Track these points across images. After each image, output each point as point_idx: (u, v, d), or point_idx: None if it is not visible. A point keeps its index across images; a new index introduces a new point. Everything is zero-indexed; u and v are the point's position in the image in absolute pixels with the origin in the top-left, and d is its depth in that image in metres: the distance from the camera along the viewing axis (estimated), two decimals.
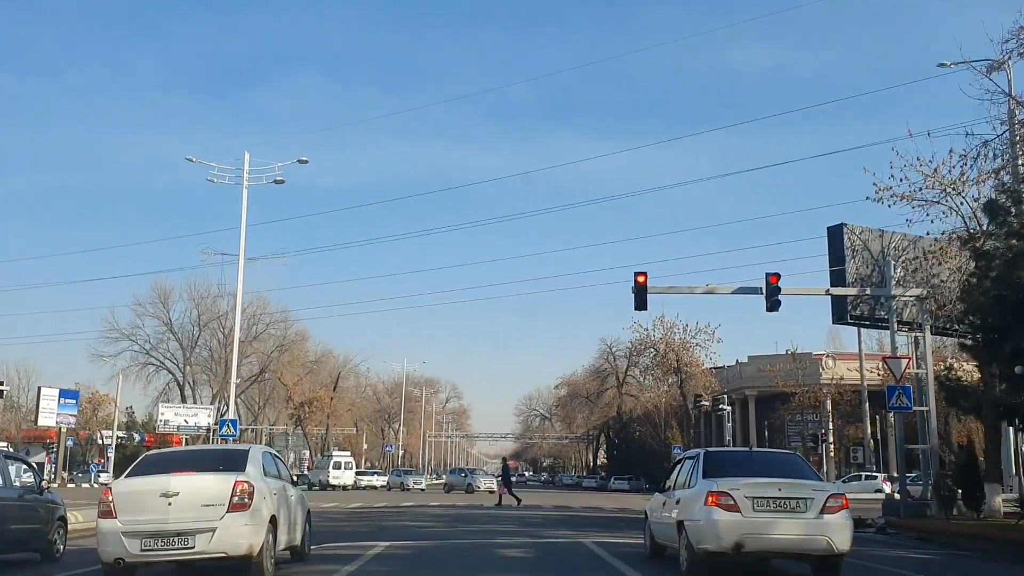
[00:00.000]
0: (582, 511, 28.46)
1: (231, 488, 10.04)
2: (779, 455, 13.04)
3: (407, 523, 20.21)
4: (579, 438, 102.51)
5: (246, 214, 31.25)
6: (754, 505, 10.02)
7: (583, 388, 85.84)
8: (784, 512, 10.05)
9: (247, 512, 10.03)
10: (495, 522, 21.20)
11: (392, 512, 25.43)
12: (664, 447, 66.11)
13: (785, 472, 10.87)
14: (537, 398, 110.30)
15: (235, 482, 10.09)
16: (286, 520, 11.32)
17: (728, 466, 11.05)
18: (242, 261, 31.62)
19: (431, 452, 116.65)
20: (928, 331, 23.78)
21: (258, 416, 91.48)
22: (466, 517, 22.77)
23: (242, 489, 10.09)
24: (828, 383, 57.80)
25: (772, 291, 22.52)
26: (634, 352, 71.18)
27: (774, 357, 63.48)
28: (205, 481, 10.24)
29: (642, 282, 22.65)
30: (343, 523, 20.01)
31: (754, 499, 10.03)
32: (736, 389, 66.35)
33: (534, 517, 23.92)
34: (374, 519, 21.65)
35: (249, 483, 10.18)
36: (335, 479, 56.20)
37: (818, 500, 10.10)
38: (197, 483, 10.19)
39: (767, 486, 10.20)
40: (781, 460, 12.11)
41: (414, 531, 17.40)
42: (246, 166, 31.91)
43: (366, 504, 31.85)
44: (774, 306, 22.58)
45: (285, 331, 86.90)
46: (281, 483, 11.57)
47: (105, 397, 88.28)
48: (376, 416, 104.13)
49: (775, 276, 22.61)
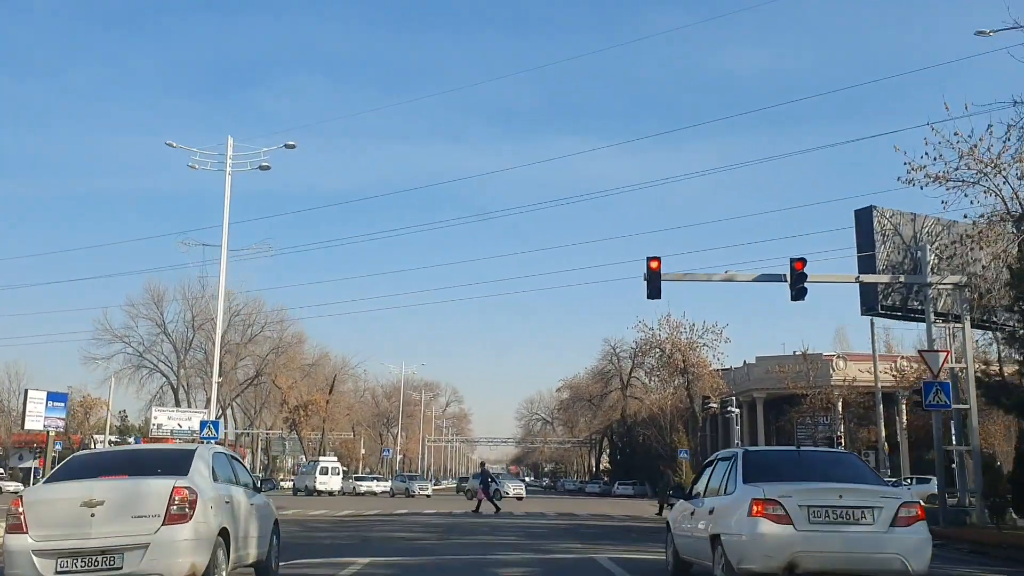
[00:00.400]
0: (589, 519, 26.47)
1: (168, 495, 8.18)
2: (832, 455, 11.12)
3: (396, 533, 18.22)
4: (581, 442, 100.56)
5: (229, 201, 29.39)
6: (809, 516, 8.10)
7: (586, 391, 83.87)
8: (846, 524, 8.12)
9: (188, 524, 8.17)
10: (493, 533, 19.20)
11: (382, 521, 23.46)
12: (670, 451, 64.11)
13: (842, 475, 8.95)
14: (539, 401, 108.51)
15: (173, 488, 8.24)
16: (244, 533, 9.44)
17: (773, 468, 9.13)
18: (225, 252, 29.73)
19: (431, 457, 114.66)
20: (968, 322, 21.84)
21: (254, 421, 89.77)
22: (461, 527, 20.78)
23: (182, 497, 8.23)
24: (841, 384, 55.86)
25: (797, 278, 20.60)
26: (639, 352, 69.23)
27: (783, 358, 61.73)
28: (137, 487, 8.36)
29: (655, 268, 20.74)
30: (325, 533, 18.05)
31: (809, 508, 8.11)
32: (744, 391, 64.53)
33: (537, 527, 21.95)
34: (361, 528, 19.68)
35: (191, 489, 8.31)
36: (322, 484, 55.44)
37: (887, 509, 8.16)
38: (127, 489, 8.32)
39: (825, 492, 8.28)
40: (835, 461, 10.14)
41: (401, 544, 15.42)
42: (229, 151, 30.06)
43: (357, 512, 29.89)
44: (800, 294, 20.67)
45: (281, 333, 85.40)
46: (237, 489, 9.68)
47: (97, 401, 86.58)
48: (375, 420, 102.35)
49: (800, 261, 20.70)
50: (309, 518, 24.92)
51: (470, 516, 26.68)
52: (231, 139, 30.22)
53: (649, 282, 20.82)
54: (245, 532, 9.50)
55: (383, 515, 27.59)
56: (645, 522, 25.26)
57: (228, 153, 30.15)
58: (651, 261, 20.82)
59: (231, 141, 30.24)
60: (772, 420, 64.66)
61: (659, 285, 20.86)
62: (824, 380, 56.93)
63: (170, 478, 8.39)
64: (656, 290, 20.89)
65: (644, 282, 20.92)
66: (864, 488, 8.52)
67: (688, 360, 61.03)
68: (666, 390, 68.42)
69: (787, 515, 8.07)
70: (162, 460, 9.16)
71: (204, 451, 9.30)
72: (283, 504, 35.88)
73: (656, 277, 20.80)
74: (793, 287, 20.68)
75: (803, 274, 20.59)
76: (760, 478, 8.69)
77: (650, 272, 20.79)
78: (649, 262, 20.78)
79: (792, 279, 20.66)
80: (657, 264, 20.77)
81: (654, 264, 20.78)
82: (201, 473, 8.80)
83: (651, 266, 20.77)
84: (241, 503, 9.52)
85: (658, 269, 20.78)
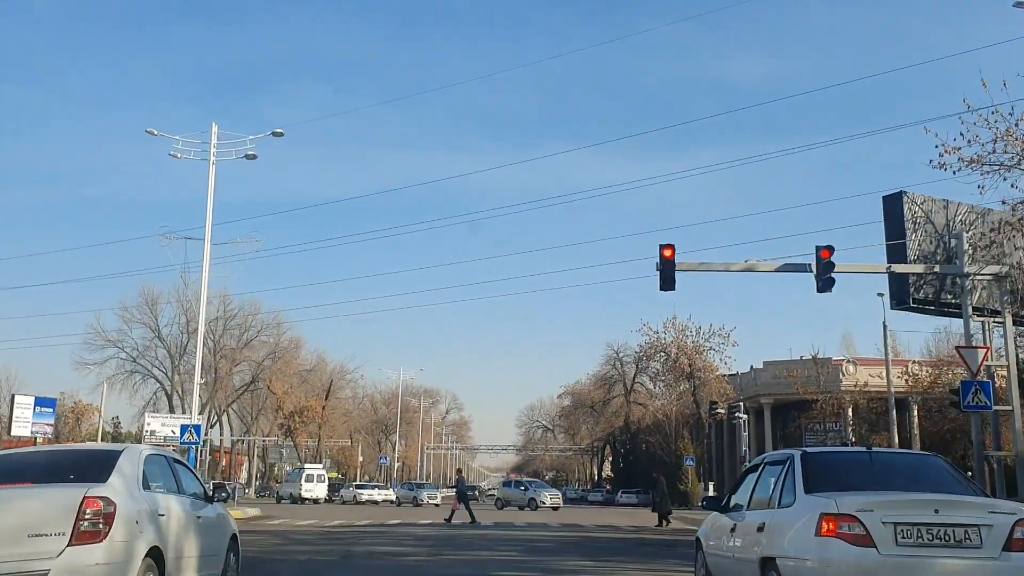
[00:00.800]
0: (595, 531, 24.64)
1: (77, 508, 6.44)
2: (913, 457, 9.06)
3: (383, 548, 16.39)
4: (583, 450, 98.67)
5: (213, 190, 27.66)
6: (897, 536, 6.23)
7: (588, 397, 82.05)
8: (946, 547, 6.23)
9: (101, 544, 6.44)
10: (492, 547, 17.37)
11: (371, 533, 21.62)
12: (675, 458, 62.29)
13: (930, 484, 7.07)
14: (540, 409, 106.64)
15: (84, 499, 6.49)
16: (184, 552, 7.70)
17: (841, 474, 7.32)
18: (208, 245, 28.00)
19: (430, 465, 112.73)
20: (1009, 316, 20.09)
21: (251, 428, 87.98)
22: (456, 541, 18.95)
23: (95, 509, 6.49)
24: (853, 389, 54.07)
25: (824, 267, 18.84)
26: (643, 357, 67.33)
27: (792, 362, 59.94)
28: (38, 498, 6.64)
29: (669, 256, 18.99)
30: (305, 547, 16.24)
31: (896, 526, 6.25)
32: (751, 396, 62.73)
33: (540, 540, 20.12)
34: (346, 542, 17.85)
35: (107, 500, 6.56)
36: (307, 492, 54.59)
37: (999, 528, 6.26)
38: (23, 501, 6.59)
39: (916, 505, 6.41)
40: (918, 465, 8.08)
41: (385, 562, 13.57)
42: (213, 139, 28.38)
43: (347, 521, 28.09)
44: (827, 284, 18.91)
45: (278, 338, 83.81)
46: (179, 499, 7.93)
47: (89, 407, 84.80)
48: (373, 427, 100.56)
49: (827, 249, 18.93)
50: (295, 529, 23.13)
51: (467, 528, 24.87)
52: (215, 126, 28.56)
53: (662, 272, 19.07)
54: (187, 552, 7.75)
55: (374, 525, 25.82)
56: (655, 534, 23.47)
57: (212, 141, 28.49)
58: (664, 249, 19.08)
59: (215, 128, 28.59)
60: (779, 427, 62.91)
61: (673, 275, 19.11)
62: (834, 385, 55.26)
63: (81, 486, 6.65)
64: (670, 280, 19.14)
65: (656, 272, 19.19)
66: (966, 500, 6.65)
67: (694, 364, 59.27)
68: (671, 395, 66.59)
69: (868, 535, 6.23)
70: (79, 464, 7.41)
71: (132, 452, 7.54)
72: (272, 513, 34.15)
73: (670, 266, 19.05)
74: (820, 277, 18.93)
75: (830, 263, 18.84)
76: (826, 486, 6.89)
77: (663, 261, 19.04)
78: (662, 250, 19.04)
79: (819, 268, 18.90)
80: (671, 252, 19.03)
81: (667, 252, 19.03)
82: (125, 480, 7.06)
83: (664, 254, 19.02)
84: (182, 516, 7.77)
85: (672, 257, 19.03)
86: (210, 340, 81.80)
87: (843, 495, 6.61)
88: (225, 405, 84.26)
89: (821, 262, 18.86)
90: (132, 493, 6.94)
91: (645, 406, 71.51)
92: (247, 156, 28.48)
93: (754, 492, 8.10)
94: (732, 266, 20.07)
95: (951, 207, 21.59)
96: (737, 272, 20.28)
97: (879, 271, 20.34)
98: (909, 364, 53.70)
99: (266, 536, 19.58)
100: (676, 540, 20.33)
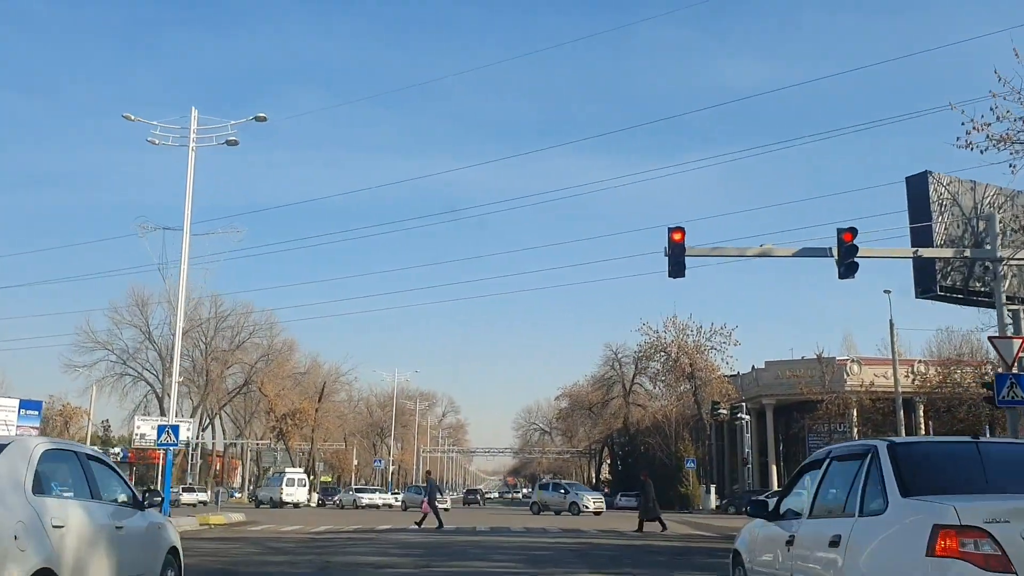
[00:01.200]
0: (598, 536, 23.07)
1: None
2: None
3: (365, 558, 14.79)
4: (581, 452, 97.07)
5: (192, 177, 26.17)
6: None
7: (586, 399, 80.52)
8: None
9: None
10: (486, 557, 15.80)
11: (357, 540, 20.02)
12: (675, 460, 60.80)
13: None
14: (537, 411, 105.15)
15: None
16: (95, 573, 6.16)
17: (945, 472, 5.63)
18: (187, 235, 26.44)
19: (426, 468, 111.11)
20: None
21: (244, 431, 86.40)
22: (447, 549, 17.38)
23: None
24: (859, 389, 52.59)
25: (847, 251, 17.33)
26: (643, 357, 65.76)
27: (795, 362, 58.51)
28: None
29: (679, 239, 17.48)
30: (280, 557, 14.66)
31: None
32: (752, 397, 61.28)
33: (540, 547, 18.57)
34: (327, 550, 16.28)
35: None
36: (288, 496, 54.23)
37: None
38: None
39: None
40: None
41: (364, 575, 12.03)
42: (193, 124, 26.88)
43: (334, 527, 26.52)
44: (849, 270, 17.41)
45: (271, 340, 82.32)
46: (91, 506, 6.39)
47: (78, 410, 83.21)
48: (368, 430, 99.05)
49: (849, 232, 17.43)
50: (277, 535, 21.57)
51: (463, 534, 23.31)
52: (195, 111, 27.07)
53: (671, 257, 17.57)
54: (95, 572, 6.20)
55: (362, 531, 24.26)
56: (662, 539, 21.89)
57: (192, 127, 26.97)
58: (673, 232, 17.58)
59: (195, 113, 27.12)
60: (781, 428, 61.47)
61: (683, 260, 17.61)
62: (838, 385, 53.86)
63: None
64: (679, 266, 17.64)
65: (665, 258, 17.72)
66: None
67: (695, 364, 57.78)
68: (671, 396, 65.06)
69: (1003, 554, 4.57)
70: None
71: (19, 447, 5.96)
72: (257, 518, 32.59)
73: (679, 251, 17.55)
74: (841, 262, 17.43)
75: (853, 247, 17.32)
76: (927, 488, 5.21)
77: (672, 245, 17.54)
78: (671, 233, 17.54)
79: (840, 253, 17.40)
80: (681, 235, 17.53)
81: (677, 235, 17.53)
82: (11, 480, 5.53)
83: (674, 238, 17.52)
84: (91, 528, 6.22)
85: (682, 241, 17.53)
86: (202, 342, 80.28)
87: (961, 499, 4.89)
88: (217, 408, 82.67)
89: (843, 246, 17.36)
90: (6, 500, 5.40)
91: (644, 407, 70.03)
92: (228, 142, 27.02)
93: (818, 495, 6.44)
94: (747, 251, 18.54)
95: (979, 188, 20.15)
96: (752, 258, 18.75)
97: (906, 255, 18.80)
98: (915, 363, 52.34)
99: (241, 544, 18.05)
100: (687, 547, 18.82)
